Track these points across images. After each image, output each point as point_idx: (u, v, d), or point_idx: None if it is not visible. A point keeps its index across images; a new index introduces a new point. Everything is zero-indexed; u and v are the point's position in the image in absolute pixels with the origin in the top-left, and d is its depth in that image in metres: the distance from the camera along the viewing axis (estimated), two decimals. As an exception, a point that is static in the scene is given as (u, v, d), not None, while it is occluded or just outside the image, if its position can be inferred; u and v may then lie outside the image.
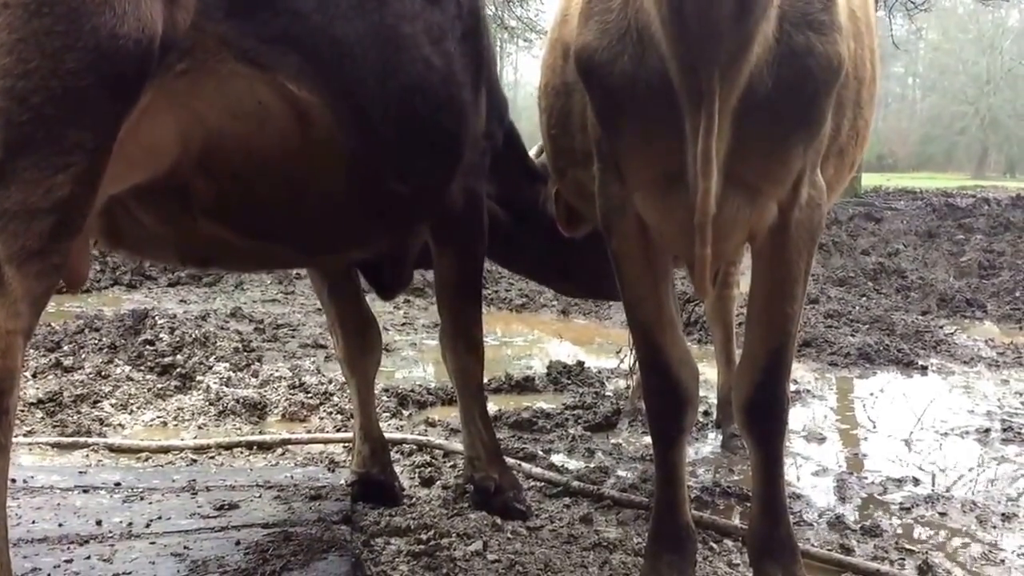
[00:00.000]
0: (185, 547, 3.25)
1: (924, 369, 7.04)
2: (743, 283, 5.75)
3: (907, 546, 3.82)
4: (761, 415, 3.15)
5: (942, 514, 4.20)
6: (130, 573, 3.04)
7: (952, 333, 8.26)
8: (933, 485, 4.57)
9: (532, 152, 4.81)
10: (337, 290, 4.13)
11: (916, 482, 4.61)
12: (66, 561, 3.10)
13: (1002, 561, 3.72)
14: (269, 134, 2.68)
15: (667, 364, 3.17)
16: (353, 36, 2.87)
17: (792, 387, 4.31)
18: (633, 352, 5.81)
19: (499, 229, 4.30)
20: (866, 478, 4.68)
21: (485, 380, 4.33)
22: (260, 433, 5.28)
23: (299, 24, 2.70)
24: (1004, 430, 5.46)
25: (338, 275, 4.11)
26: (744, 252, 4.46)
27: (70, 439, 4.95)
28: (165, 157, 2.55)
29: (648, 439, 5.19)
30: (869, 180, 30.04)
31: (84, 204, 2.05)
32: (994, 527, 4.07)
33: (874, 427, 5.58)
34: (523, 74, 59.72)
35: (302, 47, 2.71)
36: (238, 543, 3.31)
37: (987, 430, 5.48)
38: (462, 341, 4.04)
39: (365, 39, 2.91)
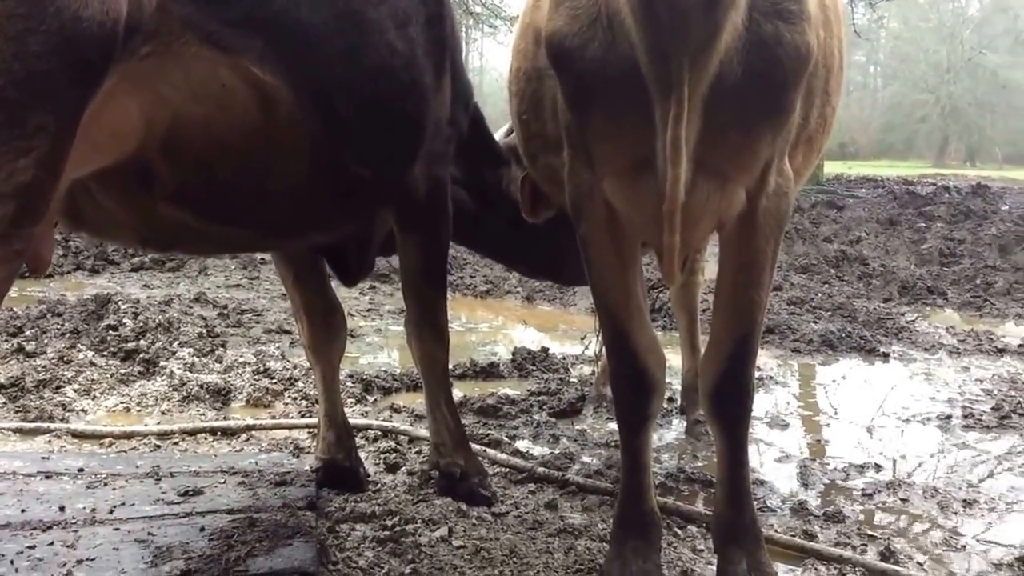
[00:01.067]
0: (149, 533, 3.22)
1: (886, 356, 7.12)
2: (708, 270, 5.79)
3: (869, 532, 3.87)
4: (727, 401, 3.17)
5: (904, 500, 4.25)
6: (94, 559, 3.02)
7: (913, 320, 8.35)
8: (895, 471, 4.63)
9: (500, 133, 4.81)
10: (302, 276, 4.11)
11: (878, 468, 4.66)
12: (29, 547, 3.07)
13: (963, 547, 3.78)
14: (232, 117, 2.66)
15: (634, 350, 3.18)
16: (318, 20, 2.85)
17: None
18: (599, 339, 5.84)
19: (465, 213, 4.30)
20: (829, 464, 4.73)
21: (450, 366, 4.33)
22: (224, 419, 5.24)
23: (264, 7, 2.68)
24: (965, 417, 5.54)
25: (303, 261, 4.08)
26: (709, 239, 4.49)
27: (32, 424, 4.90)
28: (128, 141, 2.51)
29: (613, 425, 5.25)
30: (831, 168, 30.23)
31: (47, 189, 2.02)
32: (955, 513, 4.13)
33: (836, 413, 5.64)
34: (488, 60, 59.57)
35: (266, 30, 2.68)
36: (202, 529, 3.29)
37: (948, 417, 5.56)
38: (428, 328, 4.03)
39: (330, 23, 2.90)
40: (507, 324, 8.73)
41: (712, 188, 2.94)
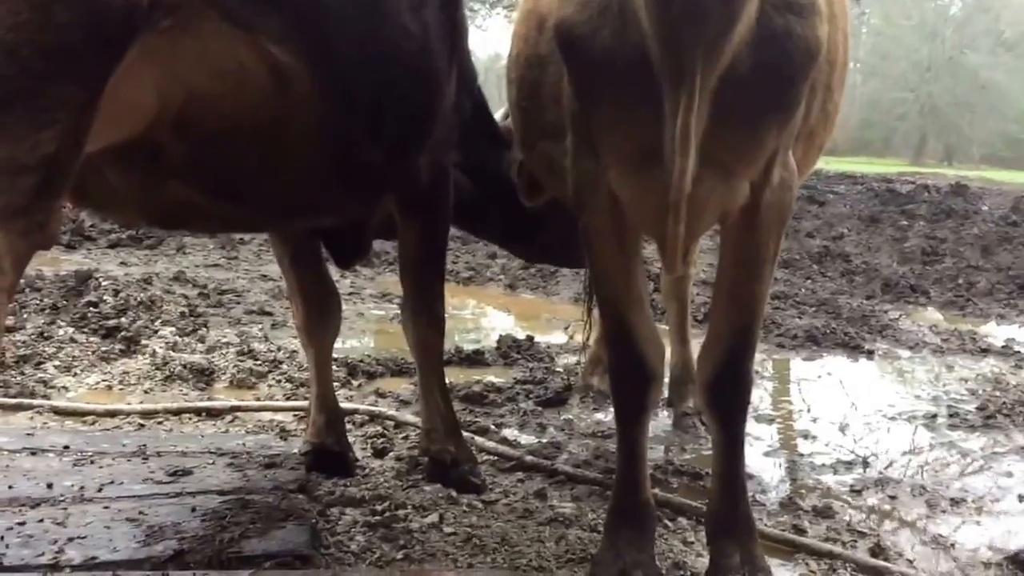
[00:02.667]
0: (140, 512, 3.19)
1: (870, 353, 7.14)
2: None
3: (859, 528, 3.88)
4: (725, 394, 3.17)
5: (892, 497, 4.27)
6: (85, 537, 2.98)
7: (897, 318, 8.39)
8: (883, 469, 4.64)
9: (498, 116, 4.79)
10: (299, 258, 4.07)
11: (866, 465, 4.68)
12: (19, 523, 3.03)
13: (952, 544, 3.79)
14: (247, 96, 2.62)
15: (634, 341, 3.17)
16: (336, 1, 2.80)
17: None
18: (586, 329, 5.83)
19: (464, 197, 4.27)
20: (816, 460, 4.74)
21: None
22: (208, 399, 5.19)
23: None
24: (950, 416, 5.56)
25: (300, 243, 4.04)
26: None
27: (14, 400, 4.83)
28: (142, 116, 2.48)
29: (600, 416, 5.25)
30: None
31: (70, 162, 1.99)
32: (943, 511, 4.15)
33: (823, 410, 5.64)
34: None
35: (286, 9, 2.65)
36: (194, 509, 3.26)
37: (934, 416, 5.58)
38: (424, 314, 4.01)
39: (348, 4, 2.86)
40: (489, 311, 8.71)
41: (717, 180, 2.92)
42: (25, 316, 6.45)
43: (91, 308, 6.58)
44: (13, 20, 1.86)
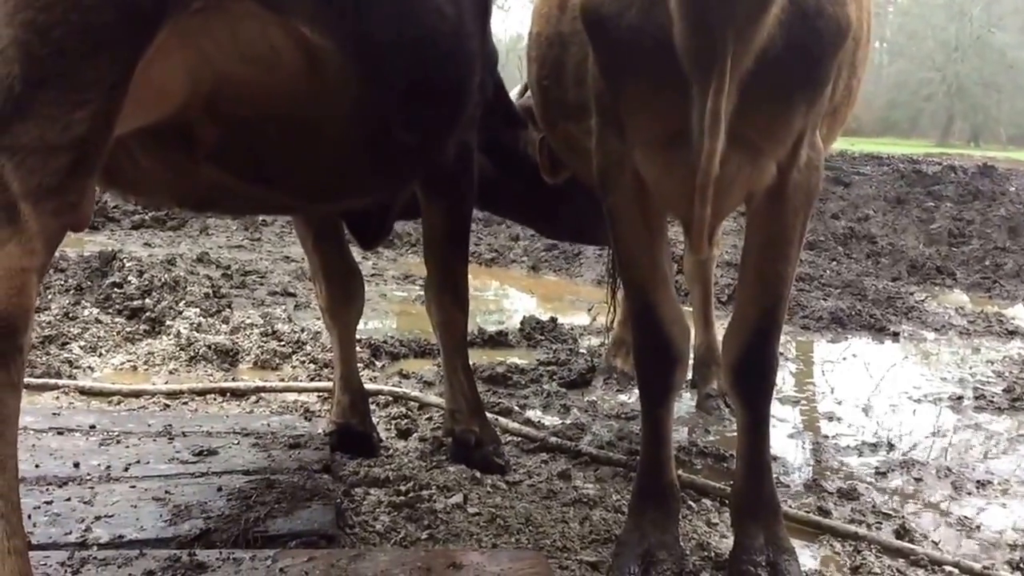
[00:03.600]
0: (166, 492, 3.21)
1: (896, 335, 7.09)
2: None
3: (884, 510, 3.86)
4: (750, 375, 3.15)
5: (917, 480, 4.24)
6: (112, 516, 3.00)
7: (923, 300, 8.33)
8: (907, 451, 4.61)
9: (513, 94, 4.78)
10: (322, 239, 4.08)
11: (891, 447, 4.65)
12: (46, 502, 3.05)
13: (978, 527, 3.77)
14: (279, 78, 2.60)
15: (659, 322, 3.15)
16: None
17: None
18: (610, 311, 5.82)
19: (485, 176, 4.26)
20: (841, 442, 4.72)
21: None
22: (232, 380, 5.21)
23: None
24: (976, 398, 5.52)
25: (324, 223, 4.04)
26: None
27: (40, 380, 4.86)
28: (173, 98, 2.47)
29: (623, 397, 5.24)
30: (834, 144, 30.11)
31: (101, 142, 1.99)
32: (969, 493, 4.12)
33: (848, 392, 5.61)
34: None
35: None
36: (219, 489, 3.27)
37: (960, 397, 5.54)
38: (448, 294, 4.01)
39: None
40: (512, 293, 8.71)
41: (744, 160, 2.90)
42: (50, 297, 6.48)
43: (115, 289, 6.61)
44: (45, 0, 1.86)
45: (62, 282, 6.88)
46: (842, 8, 2.77)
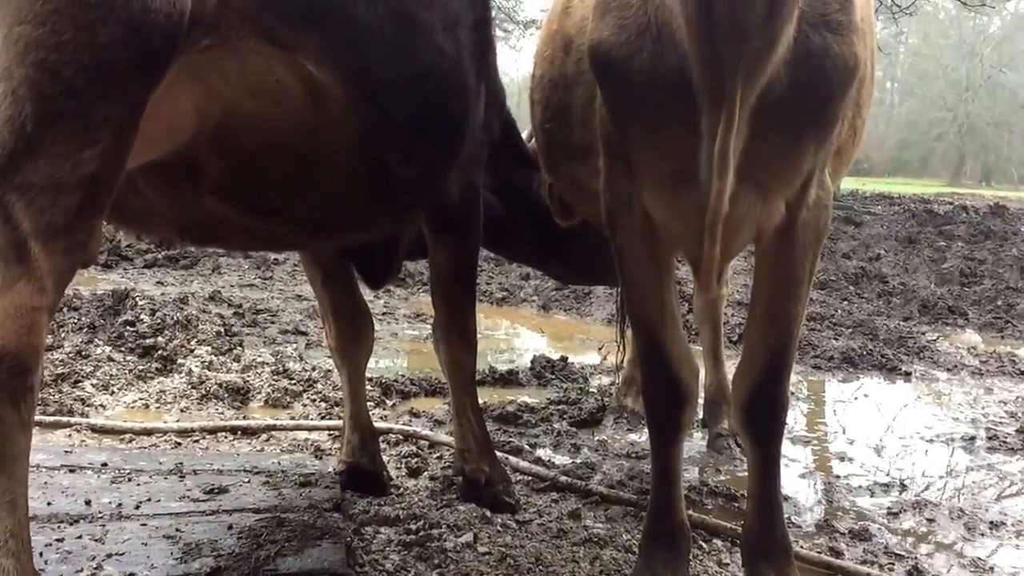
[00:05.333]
0: (177, 529, 3.20)
1: (908, 375, 7.06)
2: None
3: (896, 551, 3.83)
4: (760, 415, 3.14)
5: (930, 520, 4.21)
6: (123, 554, 2.99)
7: (935, 340, 8.30)
8: (920, 491, 4.58)
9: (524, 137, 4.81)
10: (331, 278, 4.11)
11: (903, 488, 4.61)
12: (57, 540, 3.05)
13: (991, 569, 3.73)
14: (283, 113, 2.65)
15: (668, 361, 3.16)
16: (373, 19, 2.83)
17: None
18: (620, 350, 5.83)
19: (494, 217, 4.29)
20: (853, 482, 4.69)
21: (470, 372, 4.31)
22: (243, 418, 5.22)
23: (322, 5, 2.66)
24: (989, 438, 5.48)
25: (332, 263, 4.07)
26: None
27: (52, 418, 4.88)
28: (181, 134, 2.50)
29: (634, 436, 5.23)
30: (845, 183, 30.15)
31: (110, 180, 2.01)
32: (982, 535, 4.08)
33: (860, 432, 5.58)
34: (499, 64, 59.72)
35: (323, 28, 2.67)
36: (230, 527, 3.26)
37: (972, 438, 5.50)
38: (456, 333, 4.02)
39: (384, 23, 2.88)
40: (523, 332, 8.71)
41: (753, 199, 2.91)
42: (63, 335, 6.53)
43: (128, 327, 6.65)
44: (56, 40, 1.88)
45: (75, 320, 6.93)
46: (849, 48, 2.79)
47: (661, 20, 2.71)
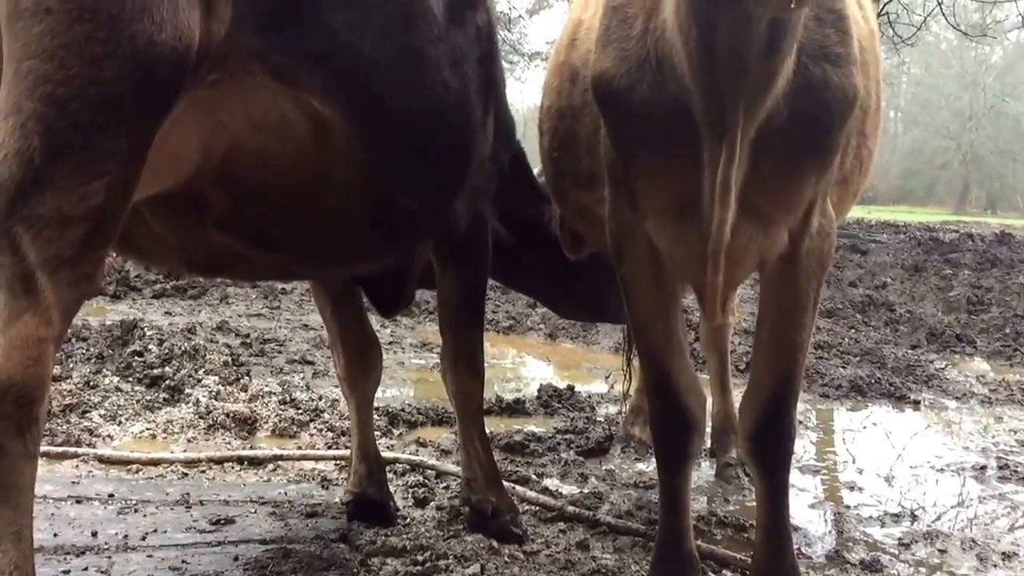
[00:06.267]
0: (183, 561, 3.21)
1: (917, 404, 7.02)
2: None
3: (907, 582, 3.80)
4: (768, 443, 3.14)
5: (941, 551, 4.16)
6: (129, 586, 3.00)
7: (943, 368, 8.26)
8: (931, 522, 4.54)
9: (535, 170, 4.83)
10: (340, 308, 4.12)
11: (914, 518, 4.57)
12: (63, 572, 3.07)
13: (1003, 599, 3.71)
14: (288, 148, 2.67)
15: (675, 390, 3.16)
16: (379, 55, 2.85)
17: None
18: (626, 378, 5.81)
19: (504, 249, 4.30)
20: (863, 513, 4.65)
21: (477, 401, 4.30)
22: (250, 448, 5.22)
23: (328, 41, 2.69)
24: (1000, 468, 5.44)
25: (341, 293, 4.09)
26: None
27: (60, 449, 4.88)
28: (186, 167, 2.53)
29: (641, 466, 5.21)
30: (851, 212, 30.24)
31: (117, 212, 2.03)
32: (995, 566, 4.04)
33: (869, 461, 5.54)
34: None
35: (329, 64, 2.69)
36: (236, 558, 3.27)
37: (983, 467, 5.46)
38: (463, 363, 4.02)
39: (390, 58, 2.90)
40: (530, 361, 8.71)
41: (755, 228, 2.94)
42: (71, 365, 6.53)
43: (136, 357, 6.65)
44: (64, 74, 1.90)
45: (84, 350, 6.94)
46: (848, 79, 2.82)
47: (661, 52, 2.74)
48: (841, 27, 2.81)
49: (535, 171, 4.81)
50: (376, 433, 5.45)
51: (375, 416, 5.73)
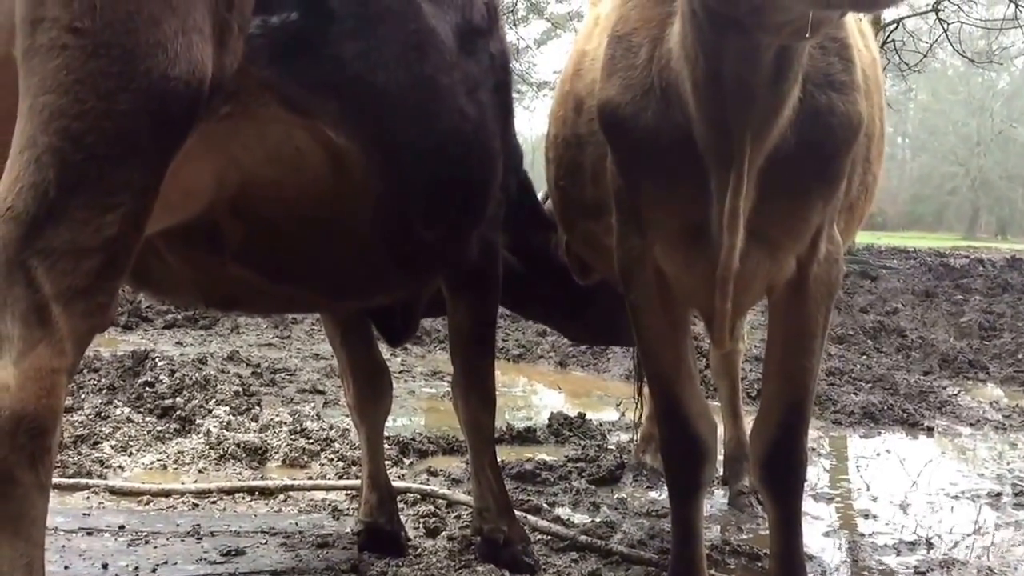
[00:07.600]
0: (194, 593, 3.20)
1: (930, 430, 6.98)
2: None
3: (925, 611, 3.77)
4: (779, 470, 3.13)
5: (958, 579, 4.15)
6: (139, 619, 2.99)
7: (956, 394, 8.22)
8: (947, 550, 4.49)
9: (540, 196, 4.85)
10: (350, 337, 4.12)
11: (930, 546, 4.53)
12: (74, 605, 3.05)
13: (1020, 627, 3.68)
14: (304, 179, 2.68)
15: (685, 417, 3.16)
16: (394, 86, 2.85)
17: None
18: (638, 406, 5.80)
19: (511, 276, 4.31)
20: (878, 541, 4.61)
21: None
22: (261, 478, 5.21)
23: (342, 72, 2.70)
24: (1016, 494, 5.39)
25: (351, 322, 4.09)
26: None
27: (71, 480, 4.88)
28: (200, 199, 2.54)
29: (653, 494, 5.18)
30: (860, 238, 30.15)
31: (131, 244, 2.04)
32: (1011, 593, 4.02)
33: (883, 488, 5.50)
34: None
35: (343, 94, 2.70)
36: (247, 590, 3.26)
37: (999, 494, 5.41)
38: (475, 392, 4.02)
39: (405, 88, 2.90)
40: (540, 389, 8.69)
41: (763, 255, 2.94)
42: (83, 396, 6.55)
43: (147, 388, 6.67)
44: (79, 109, 1.92)
45: (95, 381, 6.96)
46: (853, 106, 2.84)
47: (666, 81, 2.76)
48: (845, 55, 2.84)
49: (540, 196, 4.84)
50: (387, 462, 5.45)
51: (386, 445, 5.73)
